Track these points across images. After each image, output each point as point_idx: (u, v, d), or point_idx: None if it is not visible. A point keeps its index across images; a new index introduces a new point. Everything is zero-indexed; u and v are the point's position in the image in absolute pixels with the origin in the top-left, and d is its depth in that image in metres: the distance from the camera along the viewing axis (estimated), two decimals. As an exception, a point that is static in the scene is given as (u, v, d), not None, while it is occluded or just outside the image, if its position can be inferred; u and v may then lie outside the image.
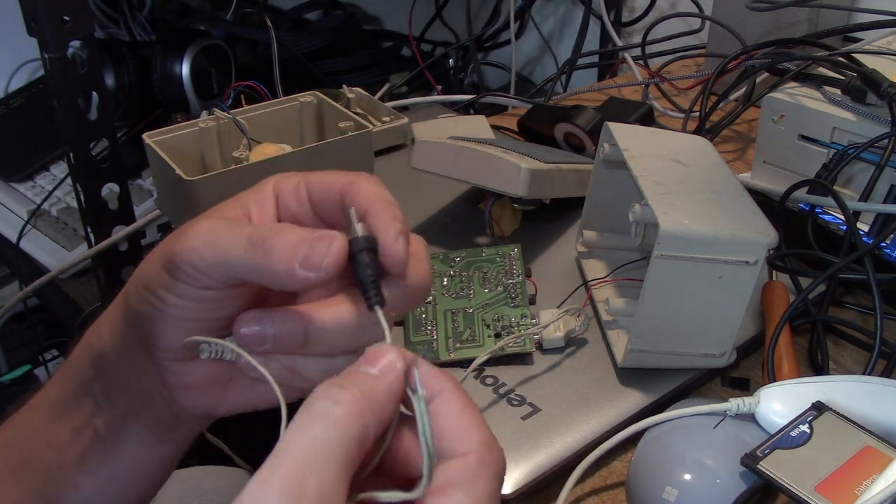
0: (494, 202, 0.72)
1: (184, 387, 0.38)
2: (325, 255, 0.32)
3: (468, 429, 0.31)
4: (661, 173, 0.57)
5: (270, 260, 0.32)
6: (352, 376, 0.30)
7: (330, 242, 0.32)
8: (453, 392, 0.31)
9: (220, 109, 0.72)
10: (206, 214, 0.36)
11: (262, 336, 0.35)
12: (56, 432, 0.40)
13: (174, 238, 0.35)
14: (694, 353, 0.56)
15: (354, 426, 0.29)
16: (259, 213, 0.37)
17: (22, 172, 1.07)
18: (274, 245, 0.32)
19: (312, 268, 0.32)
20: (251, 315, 0.35)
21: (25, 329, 1.35)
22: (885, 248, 0.64)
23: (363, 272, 0.33)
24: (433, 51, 1.39)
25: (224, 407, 0.39)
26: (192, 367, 0.38)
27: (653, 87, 0.99)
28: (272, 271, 0.33)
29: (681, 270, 0.51)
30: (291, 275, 0.32)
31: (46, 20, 0.66)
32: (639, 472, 0.49)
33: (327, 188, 0.36)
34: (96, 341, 0.39)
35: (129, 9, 1.27)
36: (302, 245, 0.32)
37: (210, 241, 0.34)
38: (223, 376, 0.38)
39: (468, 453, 0.30)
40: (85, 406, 0.40)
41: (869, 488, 0.43)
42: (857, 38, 0.91)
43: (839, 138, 0.70)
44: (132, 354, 0.37)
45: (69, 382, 0.40)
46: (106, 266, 0.80)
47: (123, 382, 0.39)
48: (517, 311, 0.61)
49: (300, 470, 0.27)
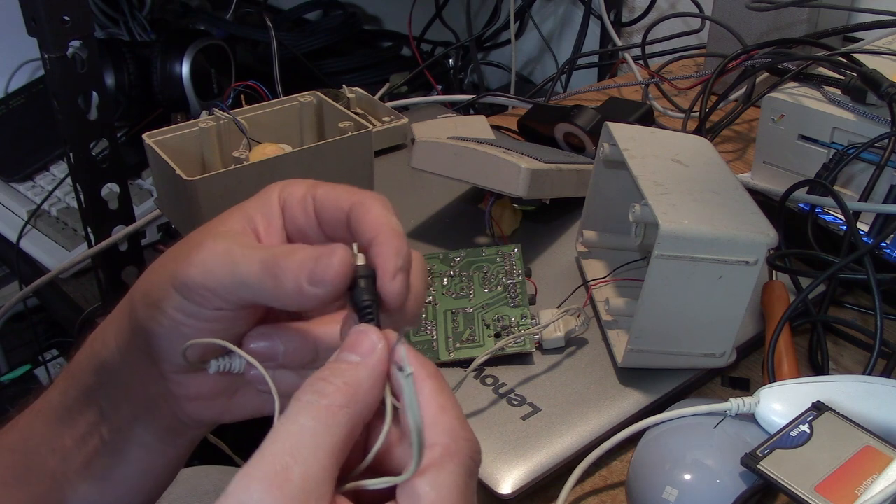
0: (494, 202, 0.72)
1: (190, 398, 0.38)
2: (327, 270, 0.32)
3: (434, 418, 0.30)
4: (661, 173, 0.57)
5: (281, 281, 0.32)
6: (335, 366, 0.31)
7: (331, 257, 0.32)
8: (425, 380, 0.31)
9: (220, 109, 0.72)
10: (212, 230, 0.36)
11: (272, 353, 0.35)
12: (60, 438, 0.40)
13: (184, 256, 0.34)
14: (694, 353, 0.56)
15: (341, 415, 0.29)
16: (266, 227, 0.37)
17: (22, 172, 1.07)
18: (285, 266, 0.33)
19: (318, 283, 0.32)
20: (262, 332, 0.35)
21: (25, 329, 1.35)
22: (885, 248, 0.64)
23: (358, 298, 0.33)
24: (433, 51, 1.39)
25: (230, 415, 0.39)
26: (199, 380, 0.38)
27: (653, 87, 0.99)
28: (284, 293, 0.33)
29: (681, 270, 0.51)
30: (300, 293, 0.32)
31: (46, 20, 0.66)
32: (639, 472, 0.49)
33: (335, 206, 0.36)
34: (101, 349, 0.39)
35: (129, 9, 1.27)
36: (308, 262, 0.32)
37: (225, 263, 0.33)
38: (230, 387, 0.39)
39: (434, 444, 0.30)
40: (89, 413, 0.39)
41: (869, 488, 0.43)
42: (857, 38, 0.91)
43: (839, 138, 0.70)
44: (138, 363, 0.37)
45: (72, 388, 0.40)
46: (106, 266, 0.80)
47: (129, 390, 0.38)
48: (517, 311, 0.61)
49: (285, 458, 0.27)
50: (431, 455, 0.29)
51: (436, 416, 0.30)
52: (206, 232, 0.36)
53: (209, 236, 0.35)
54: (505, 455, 0.52)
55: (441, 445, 0.30)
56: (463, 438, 0.30)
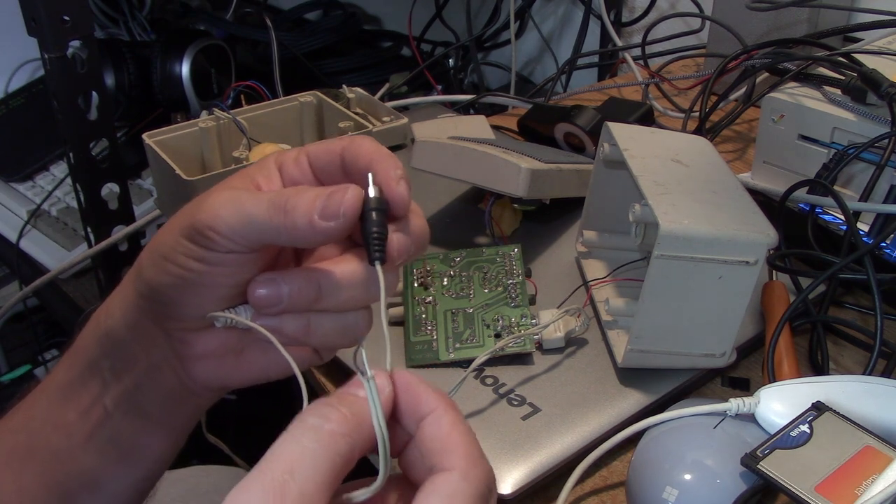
0: (494, 202, 0.72)
1: (198, 357, 0.39)
2: (341, 204, 0.34)
3: (455, 445, 0.32)
4: (661, 173, 0.57)
5: (293, 217, 0.34)
6: (342, 397, 0.32)
7: (344, 192, 0.34)
8: (445, 411, 0.33)
9: (220, 109, 0.72)
10: (218, 187, 0.37)
11: (277, 295, 0.36)
12: (63, 414, 0.41)
13: (193, 209, 0.36)
14: (694, 353, 0.56)
15: (341, 443, 0.30)
16: (267, 184, 0.38)
17: (22, 172, 1.07)
18: (295, 203, 0.34)
19: (331, 216, 0.34)
20: (265, 276, 0.37)
21: (25, 329, 1.35)
22: (885, 248, 0.64)
23: (369, 228, 0.34)
24: (433, 51, 1.39)
25: (237, 377, 0.40)
26: (206, 337, 0.39)
27: (653, 87, 0.99)
28: (295, 228, 0.34)
29: (681, 270, 0.51)
30: (312, 227, 0.34)
31: (46, 20, 0.67)
32: (639, 472, 0.49)
33: (328, 152, 0.38)
34: (105, 319, 0.40)
35: (129, 9, 1.27)
36: (319, 199, 0.34)
37: (235, 207, 0.35)
38: (237, 345, 0.39)
39: (452, 468, 0.31)
40: (92, 386, 0.40)
41: (869, 488, 0.43)
42: (857, 38, 0.91)
43: (839, 138, 0.70)
44: (143, 328, 0.38)
45: (76, 364, 0.41)
46: (106, 266, 0.80)
47: (133, 358, 0.39)
48: (517, 311, 0.61)
49: (284, 475, 0.28)
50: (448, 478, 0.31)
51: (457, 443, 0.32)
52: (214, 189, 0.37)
53: (215, 189, 0.37)
54: (505, 455, 0.52)
55: (458, 470, 0.31)
56: (481, 467, 0.31)
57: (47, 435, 0.41)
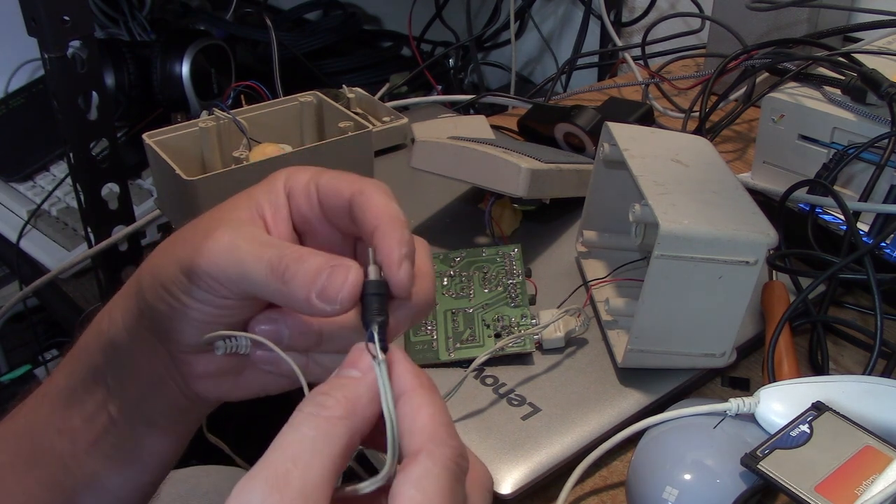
0: (494, 202, 0.72)
1: (198, 376, 0.39)
2: (340, 290, 0.33)
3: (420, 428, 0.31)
4: (661, 173, 0.57)
5: (291, 288, 0.34)
6: (336, 381, 0.32)
7: (346, 275, 0.33)
8: (416, 390, 0.32)
9: (220, 109, 0.72)
10: (221, 217, 0.37)
11: (277, 337, 0.36)
12: (68, 419, 0.41)
13: (194, 243, 0.35)
14: (694, 353, 0.56)
15: (340, 427, 0.30)
16: (273, 215, 0.37)
17: (22, 172, 1.07)
18: (295, 273, 0.33)
19: (329, 301, 0.33)
20: (268, 316, 0.37)
21: (25, 329, 1.35)
22: (885, 248, 0.64)
23: (369, 318, 0.33)
24: (433, 51, 1.39)
25: (237, 393, 0.40)
26: (206, 359, 0.39)
27: (653, 87, 0.99)
28: (292, 299, 0.34)
29: (681, 270, 0.51)
30: (309, 305, 0.33)
31: (46, 20, 0.66)
32: (639, 472, 0.49)
33: (337, 195, 0.37)
34: (108, 327, 0.39)
35: (129, 9, 1.27)
36: (320, 275, 0.33)
37: (232, 259, 0.34)
38: (237, 366, 0.40)
39: (419, 449, 0.31)
40: (96, 393, 0.40)
41: (869, 488, 0.43)
42: (857, 38, 0.91)
43: (839, 138, 0.70)
44: (146, 341, 0.38)
45: (78, 370, 0.41)
46: (106, 266, 0.80)
47: (136, 368, 0.39)
48: (517, 311, 0.61)
49: (287, 464, 0.29)
50: (416, 459, 0.30)
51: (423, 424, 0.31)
52: (216, 219, 0.37)
53: (218, 226, 0.36)
54: (505, 455, 0.52)
55: (425, 451, 0.30)
56: (447, 445, 0.31)
57: (52, 439, 0.41)
